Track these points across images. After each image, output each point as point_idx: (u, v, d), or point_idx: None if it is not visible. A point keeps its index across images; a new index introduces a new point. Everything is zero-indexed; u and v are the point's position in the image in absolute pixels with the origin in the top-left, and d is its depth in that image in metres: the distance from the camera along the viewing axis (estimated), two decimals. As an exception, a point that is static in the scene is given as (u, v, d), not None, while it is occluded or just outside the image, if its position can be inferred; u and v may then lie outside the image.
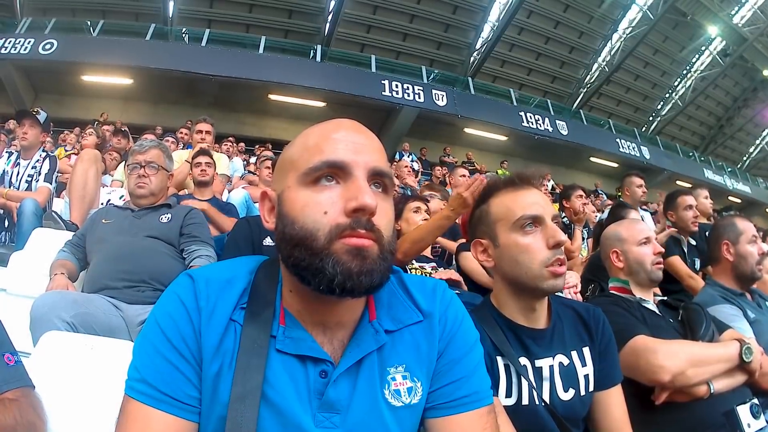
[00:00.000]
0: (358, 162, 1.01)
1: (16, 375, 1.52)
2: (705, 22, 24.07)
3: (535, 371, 1.64)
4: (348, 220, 0.97)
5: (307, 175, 1.01)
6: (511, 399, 1.60)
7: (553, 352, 1.67)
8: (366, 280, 0.97)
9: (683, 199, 4.63)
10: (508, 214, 1.68)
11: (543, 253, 1.62)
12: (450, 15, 22.58)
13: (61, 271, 2.85)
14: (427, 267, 3.42)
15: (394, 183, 1.08)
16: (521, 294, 1.69)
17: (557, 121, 21.31)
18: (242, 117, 19.74)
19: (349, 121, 1.09)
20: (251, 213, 5.17)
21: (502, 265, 1.70)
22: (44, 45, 16.32)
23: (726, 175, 26.98)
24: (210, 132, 6.02)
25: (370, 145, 1.06)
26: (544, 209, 1.66)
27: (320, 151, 1.01)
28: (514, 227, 1.66)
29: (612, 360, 1.75)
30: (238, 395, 0.99)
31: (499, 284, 1.76)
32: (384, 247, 1.00)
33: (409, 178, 8.72)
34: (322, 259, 0.96)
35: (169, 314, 1.05)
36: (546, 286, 1.62)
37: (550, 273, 1.60)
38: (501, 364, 1.61)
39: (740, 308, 2.75)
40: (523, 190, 1.71)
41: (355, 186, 0.99)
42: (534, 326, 1.70)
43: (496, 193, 1.76)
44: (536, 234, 1.64)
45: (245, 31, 21.66)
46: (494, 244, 1.72)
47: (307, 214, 0.99)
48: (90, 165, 4.38)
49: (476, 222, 1.82)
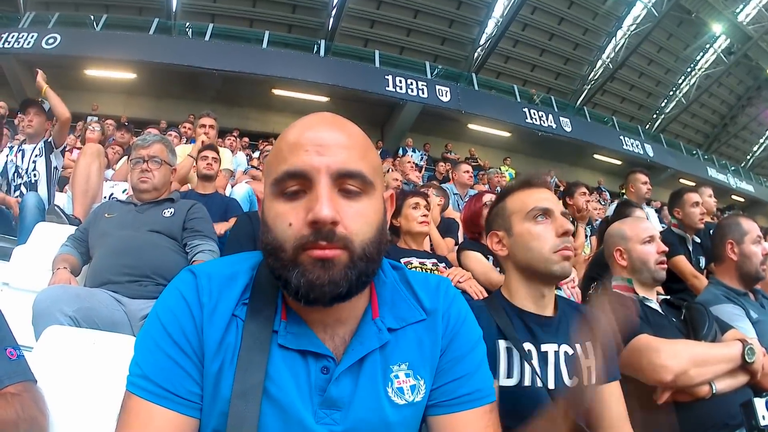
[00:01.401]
0: (318, 168, 0.98)
1: (19, 369, 1.52)
2: (709, 19, 24.01)
3: (540, 355, 1.71)
4: (310, 232, 0.95)
5: (275, 186, 1.01)
6: (512, 380, 1.67)
7: (559, 340, 1.75)
8: (330, 289, 0.96)
9: (690, 196, 4.60)
10: (522, 207, 1.85)
11: (553, 240, 1.77)
12: (454, 10, 22.54)
13: (64, 265, 2.85)
14: (428, 263, 3.39)
15: (371, 180, 1.02)
16: (532, 279, 1.82)
17: (561, 118, 21.25)
18: (246, 112, 19.76)
19: (323, 116, 1.08)
20: (254, 208, 5.17)
21: (516, 252, 1.85)
22: (47, 39, 16.33)
23: (729, 174, 26.95)
24: (213, 126, 6.03)
25: (339, 143, 1.02)
26: (554, 205, 1.83)
27: (284, 159, 1.00)
28: (527, 217, 1.82)
29: (611, 356, 1.76)
30: (239, 391, 0.99)
31: (512, 272, 1.89)
32: (355, 253, 0.98)
33: (412, 173, 8.71)
34: (289, 269, 0.97)
35: (171, 310, 1.05)
36: (555, 269, 1.76)
37: (559, 256, 1.75)
38: (502, 346, 1.70)
39: (743, 308, 2.74)
40: (536, 189, 1.89)
41: (314, 196, 0.96)
42: (542, 313, 1.81)
43: (512, 192, 1.94)
44: (546, 224, 1.80)
45: (249, 26, 21.68)
46: (509, 234, 1.88)
47: (276, 225, 0.99)
48: (93, 159, 4.38)
49: (493, 217, 1.97)
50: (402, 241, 3.59)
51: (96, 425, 1.68)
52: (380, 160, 1.17)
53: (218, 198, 4.73)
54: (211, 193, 4.74)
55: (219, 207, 4.46)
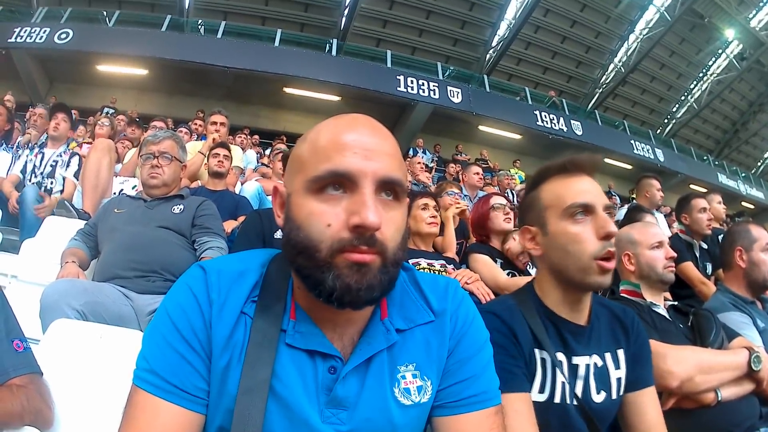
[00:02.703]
0: (366, 172, 0.96)
1: (25, 361, 1.54)
2: (722, 25, 23.85)
3: (570, 368, 1.59)
4: (350, 236, 0.94)
5: (313, 183, 0.98)
6: (543, 395, 1.55)
7: (591, 351, 1.63)
8: (365, 294, 0.95)
9: (697, 201, 4.59)
10: (559, 202, 1.62)
11: (593, 244, 1.55)
12: (467, 12, 22.49)
13: (72, 259, 2.87)
14: (436, 264, 3.38)
15: (406, 188, 1.03)
16: (567, 286, 1.63)
17: (572, 121, 21.14)
18: (257, 110, 19.78)
19: (363, 120, 1.06)
20: (263, 205, 5.18)
21: (550, 254, 1.65)
22: (60, 34, 16.36)
23: (740, 180, 26.76)
24: (225, 124, 6.05)
25: (383, 149, 1.01)
26: (596, 198, 1.60)
27: (328, 157, 0.98)
28: (564, 215, 1.60)
29: (647, 361, 1.71)
30: (246, 388, 0.99)
31: (545, 274, 1.71)
32: (388, 259, 0.98)
33: (422, 174, 8.71)
34: (323, 271, 0.95)
35: (180, 305, 1.05)
36: (592, 281, 1.55)
37: (598, 267, 1.53)
38: (539, 357, 1.57)
39: (750, 316, 2.73)
40: (575, 177, 1.66)
41: (360, 200, 0.95)
42: (576, 321, 1.65)
43: (547, 178, 1.72)
44: (586, 223, 1.58)
45: (261, 24, 21.68)
46: (543, 231, 1.67)
47: (311, 224, 0.97)
48: (104, 154, 4.41)
49: (526, 208, 1.77)
50: (410, 241, 3.57)
51: (101, 419, 1.69)
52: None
53: (228, 195, 4.74)
54: (221, 191, 4.76)
55: (229, 204, 4.48)
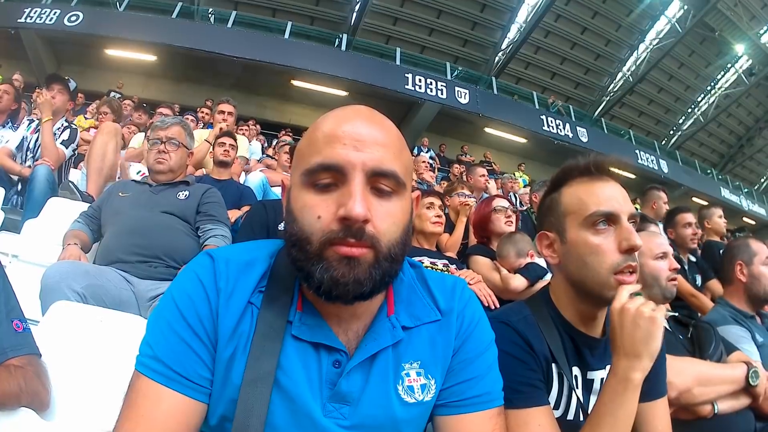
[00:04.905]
0: (354, 163, 0.96)
1: (24, 342, 1.53)
2: (733, 39, 23.81)
3: (584, 383, 1.53)
4: (339, 227, 0.94)
5: (306, 176, 0.99)
6: (557, 412, 1.49)
7: (605, 362, 1.54)
8: (353, 288, 0.95)
9: (682, 216, 4.73)
10: (580, 208, 1.50)
11: (613, 256, 1.43)
12: (478, 13, 22.48)
13: (75, 241, 2.86)
14: (439, 264, 3.38)
15: (403, 180, 1.01)
16: (584, 299, 1.52)
17: (578, 128, 21.17)
18: (263, 101, 19.75)
19: (363, 111, 1.06)
20: (268, 197, 5.18)
21: (568, 264, 1.53)
22: (70, 17, 16.29)
23: (742, 196, 26.81)
24: (232, 113, 6.08)
25: (377, 140, 1.00)
26: (621, 206, 1.48)
27: (319, 150, 0.98)
28: (585, 223, 1.48)
29: (658, 371, 1.60)
30: (250, 379, 0.99)
31: (561, 283, 1.59)
32: (381, 253, 0.97)
33: (427, 173, 8.70)
34: (314, 263, 0.96)
35: (186, 293, 1.05)
36: (610, 296, 1.42)
37: (617, 282, 1.42)
38: (555, 372, 1.49)
39: (749, 330, 2.74)
40: (600, 182, 1.54)
41: (348, 192, 0.95)
42: (592, 334, 1.56)
43: (569, 180, 1.59)
44: (609, 234, 1.46)
45: (272, 16, 21.66)
46: (561, 239, 1.55)
47: (304, 216, 0.98)
48: (110, 138, 4.39)
49: (545, 212, 1.64)
50: (414, 239, 3.55)
51: (99, 402, 1.69)
52: (412, 159, 1.16)
53: (233, 185, 4.74)
54: (226, 180, 4.75)
55: (234, 194, 4.49)
